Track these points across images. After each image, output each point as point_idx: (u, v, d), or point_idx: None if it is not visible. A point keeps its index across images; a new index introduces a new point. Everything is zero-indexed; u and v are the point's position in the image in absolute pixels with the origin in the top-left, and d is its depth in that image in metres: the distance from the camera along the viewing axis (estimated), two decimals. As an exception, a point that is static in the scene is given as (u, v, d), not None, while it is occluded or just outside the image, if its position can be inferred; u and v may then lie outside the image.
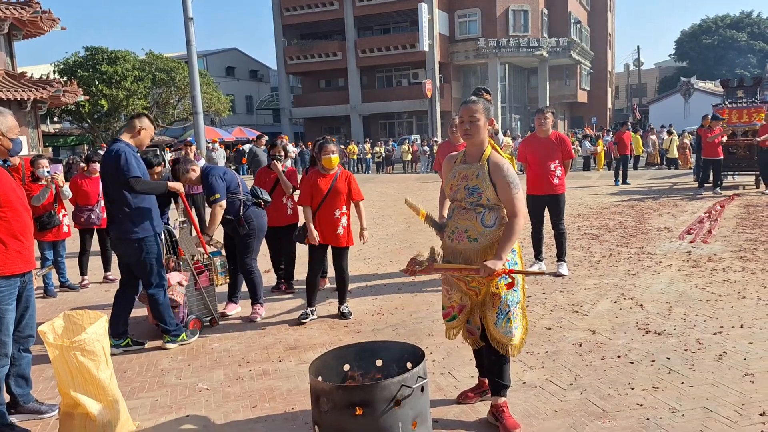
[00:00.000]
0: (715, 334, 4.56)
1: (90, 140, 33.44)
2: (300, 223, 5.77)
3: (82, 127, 33.01)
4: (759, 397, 3.49)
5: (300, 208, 5.63)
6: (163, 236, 5.28)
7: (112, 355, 4.12)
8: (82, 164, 7.53)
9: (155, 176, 5.79)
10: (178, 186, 4.85)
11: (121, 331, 4.87)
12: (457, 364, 4.23)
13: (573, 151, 7.09)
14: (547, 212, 6.70)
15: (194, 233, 4.96)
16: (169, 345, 4.86)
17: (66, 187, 6.76)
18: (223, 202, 5.25)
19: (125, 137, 4.70)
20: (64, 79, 25.39)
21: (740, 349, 4.22)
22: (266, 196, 5.81)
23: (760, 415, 3.28)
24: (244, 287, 5.92)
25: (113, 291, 6.90)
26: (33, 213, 6.39)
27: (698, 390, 3.62)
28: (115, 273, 7.20)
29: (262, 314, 5.61)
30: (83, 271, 7.30)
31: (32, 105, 18.33)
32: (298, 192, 5.76)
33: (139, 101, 29.93)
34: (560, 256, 6.75)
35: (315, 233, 5.26)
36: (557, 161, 6.54)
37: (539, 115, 6.61)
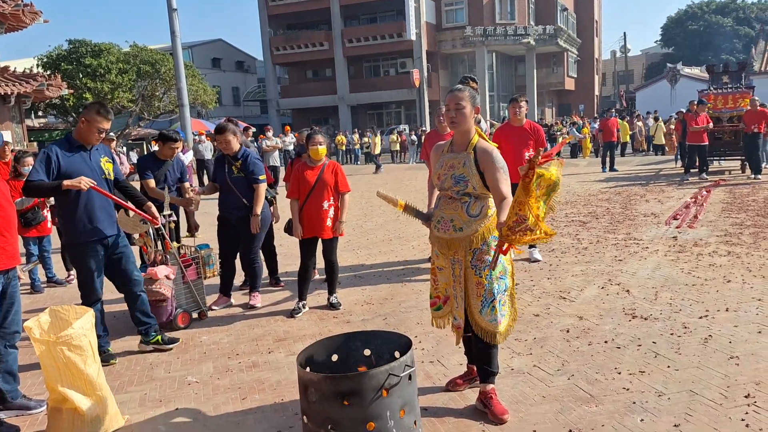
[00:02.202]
0: (700, 317, 4.61)
1: (75, 134, 33.07)
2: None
3: (67, 121, 32.65)
4: (744, 379, 3.53)
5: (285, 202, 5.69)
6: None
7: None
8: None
9: (173, 150, 6.04)
10: (77, 182, 4.05)
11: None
12: (446, 352, 4.25)
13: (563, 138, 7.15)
14: None
15: (132, 214, 4.78)
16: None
17: (52, 199, 6.69)
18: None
19: (74, 133, 4.30)
20: (48, 72, 25.07)
21: (725, 333, 4.26)
22: (274, 195, 6.21)
23: (745, 397, 3.32)
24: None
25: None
26: (18, 212, 6.35)
27: (684, 373, 3.66)
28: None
29: (259, 301, 5.74)
30: (68, 267, 7.25)
31: (16, 99, 18.12)
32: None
33: (124, 94, 29.65)
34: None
35: (299, 228, 5.27)
36: (531, 150, 6.61)
37: (513, 104, 6.67)
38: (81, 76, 28.75)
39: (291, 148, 19.24)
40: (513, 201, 2.92)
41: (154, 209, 4.78)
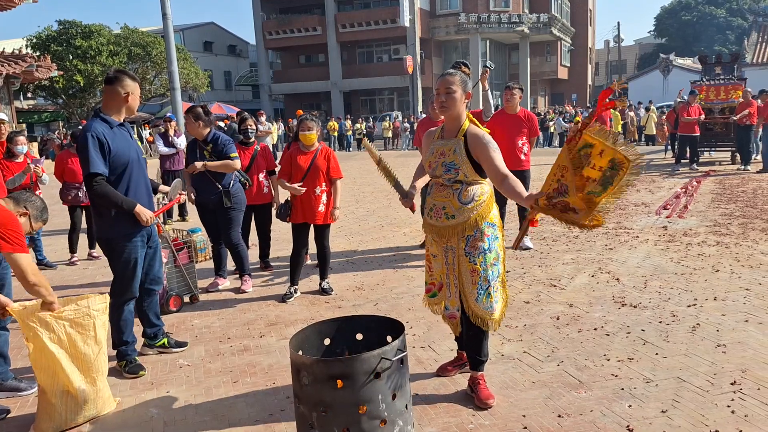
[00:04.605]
0: (689, 306, 4.66)
1: (65, 116, 32.84)
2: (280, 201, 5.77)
3: (57, 103, 32.38)
4: (730, 367, 3.58)
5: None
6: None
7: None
8: (57, 141, 7.40)
9: None
10: (145, 214, 3.79)
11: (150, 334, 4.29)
12: (437, 338, 4.27)
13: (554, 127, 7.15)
14: None
15: (179, 181, 4.66)
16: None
17: (45, 176, 6.61)
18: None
19: (106, 110, 3.78)
20: (37, 53, 24.80)
21: (713, 321, 4.31)
22: (248, 179, 5.89)
23: (731, 384, 3.36)
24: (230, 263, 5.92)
25: (93, 269, 6.89)
26: (9, 191, 6.30)
27: (672, 360, 3.71)
28: (98, 250, 7.16)
29: (251, 285, 5.72)
30: (73, 249, 7.19)
31: (5, 80, 17.91)
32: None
33: (114, 77, 29.38)
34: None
35: (297, 187, 5.19)
36: (525, 138, 6.61)
37: (507, 92, 6.67)
38: (71, 57, 28.47)
39: None
40: (554, 165, 2.94)
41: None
